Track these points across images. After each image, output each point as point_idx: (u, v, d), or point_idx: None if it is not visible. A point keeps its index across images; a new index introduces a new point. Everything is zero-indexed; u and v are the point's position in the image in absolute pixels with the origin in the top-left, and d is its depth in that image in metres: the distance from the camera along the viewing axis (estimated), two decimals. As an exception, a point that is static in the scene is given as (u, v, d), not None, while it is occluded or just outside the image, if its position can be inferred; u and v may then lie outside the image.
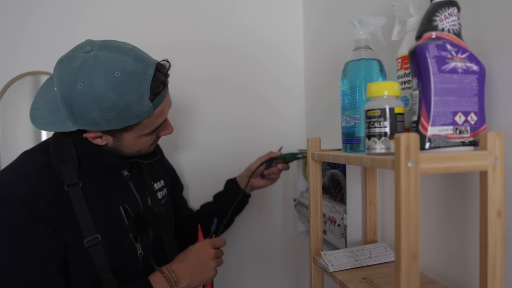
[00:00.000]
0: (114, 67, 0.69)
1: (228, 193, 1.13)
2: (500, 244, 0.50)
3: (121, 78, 0.69)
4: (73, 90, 0.69)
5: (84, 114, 0.71)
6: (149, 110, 0.75)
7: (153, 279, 0.81)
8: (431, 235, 0.68)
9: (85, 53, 0.70)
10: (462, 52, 0.52)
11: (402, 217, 0.46)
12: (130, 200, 0.86)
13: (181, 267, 0.84)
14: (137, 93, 0.71)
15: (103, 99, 0.69)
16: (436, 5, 0.53)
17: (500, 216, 0.50)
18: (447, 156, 0.48)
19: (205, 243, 0.90)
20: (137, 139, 0.81)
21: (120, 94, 0.70)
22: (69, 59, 0.71)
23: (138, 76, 0.71)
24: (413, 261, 0.46)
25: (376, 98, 0.55)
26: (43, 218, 0.71)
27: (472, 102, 0.52)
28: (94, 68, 0.68)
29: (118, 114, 0.71)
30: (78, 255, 0.75)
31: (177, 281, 0.82)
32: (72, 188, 0.76)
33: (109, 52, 0.70)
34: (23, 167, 0.76)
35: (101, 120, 0.72)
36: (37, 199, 0.71)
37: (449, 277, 0.64)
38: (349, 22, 0.71)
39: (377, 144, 0.54)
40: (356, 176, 0.85)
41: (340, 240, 0.90)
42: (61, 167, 0.76)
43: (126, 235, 0.82)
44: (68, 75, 0.69)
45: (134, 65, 0.71)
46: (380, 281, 0.65)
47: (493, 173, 0.49)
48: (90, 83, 0.68)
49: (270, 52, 1.32)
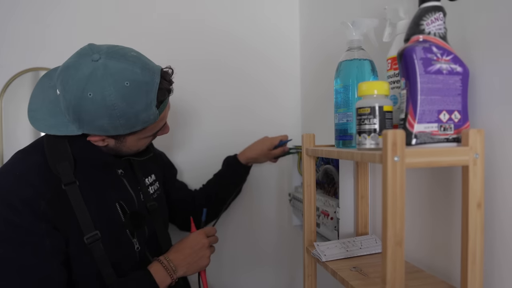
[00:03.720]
0: (124, 77, 0.71)
1: (234, 175, 1.20)
2: (480, 233, 0.53)
3: (131, 88, 0.71)
4: (82, 98, 0.70)
5: (93, 121, 0.73)
6: (155, 116, 0.78)
7: (153, 269, 0.84)
8: (417, 226, 0.72)
9: (93, 61, 0.70)
10: (447, 55, 0.55)
11: (388, 207, 0.49)
12: (125, 197, 0.88)
13: (178, 256, 0.89)
14: (145, 102, 0.74)
15: (113, 108, 0.71)
16: (423, 10, 0.56)
17: (480, 208, 0.53)
18: (431, 151, 0.52)
19: (199, 233, 0.95)
20: (139, 141, 0.84)
21: (130, 103, 0.72)
22: (75, 67, 0.71)
23: (146, 86, 0.74)
24: (399, 248, 0.50)
25: (367, 96, 0.59)
26: (44, 217, 0.73)
27: (456, 101, 0.56)
28: (104, 77, 0.70)
29: (126, 122, 0.74)
30: (79, 251, 0.78)
31: (175, 269, 0.86)
32: (69, 186, 0.77)
33: (117, 61, 0.71)
34: (19, 167, 0.77)
35: (109, 127, 0.74)
36: (37, 199, 0.73)
37: (433, 265, 0.68)
38: (342, 24, 0.74)
39: (367, 140, 0.58)
40: (348, 172, 0.88)
41: (333, 232, 0.94)
42: (57, 166, 0.77)
43: (123, 231, 0.85)
44: (76, 83, 0.70)
45: (142, 74, 0.73)
46: (369, 270, 0.69)
47: (474, 168, 0.53)
48: (101, 92, 0.70)
49: (267, 54, 1.36)
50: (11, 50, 1.14)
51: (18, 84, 1.14)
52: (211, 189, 1.19)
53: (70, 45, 1.15)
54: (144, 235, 0.92)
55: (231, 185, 1.18)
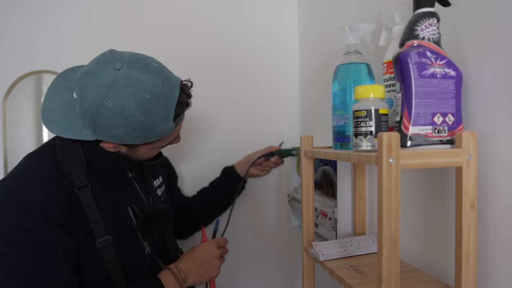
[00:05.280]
0: (145, 89, 0.70)
1: (227, 180, 1.20)
2: (473, 233, 0.55)
3: (151, 100, 0.71)
4: (101, 106, 0.69)
5: (109, 130, 0.72)
6: (171, 129, 0.78)
7: (163, 278, 0.84)
8: (412, 226, 0.73)
9: (115, 70, 0.70)
10: (441, 59, 0.57)
11: (384, 207, 0.51)
12: (137, 200, 0.89)
13: (189, 266, 0.89)
14: (164, 115, 0.74)
15: (131, 118, 0.70)
16: (417, 15, 0.58)
17: (473, 208, 0.55)
18: (425, 153, 0.53)
19: (211, 243, 0.95)
20: (150, 150, 0.83)
21: (149, 115, 0.71)
22: (96, 74, 0.70)
23: (165, 99, 0.73)
24: (394, 247, 0.51)
25: (363, 100, 0.61)
26: (58, 223, 0.73)
27: (449, 104, 0.57)
28: (125, 88, 0.69)
29: (143, 133, 0.73)
30: (90, 255, 0.78)
31: (185, 279, 0.86)
32: (82, 190, 0.77)
33: (139, 72, 0.71)
34: (33, 171, 0.76)
35: (124, 137, 0.73)
36: (52, 204, 0.72)
37: (429, 264, 0.70)
38: (340, 28, 0.76)
39: (363, 142, 0.59)
40: (346, 173, 0.90)
41: (331, 233, 0.95)
42: (70, 170, 0.77)
43: (135, 235, 0.85)
44: (96, 91, 0.69)
45: (163, 87, 0.72)
46: (366, 269, 0.71)
47: (467, 169, 0.55)
48: (121, 102, 0.69)
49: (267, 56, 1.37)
50: (14, 53, 1.15)
51: (21, 87, 1.16)
52: (205, 196, 1.21)
53: (73, 48, 1.18)
54: (154, 238, 0.92)
55: (223, 192, 1.19)
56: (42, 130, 1.18)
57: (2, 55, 1.14)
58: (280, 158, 1.18)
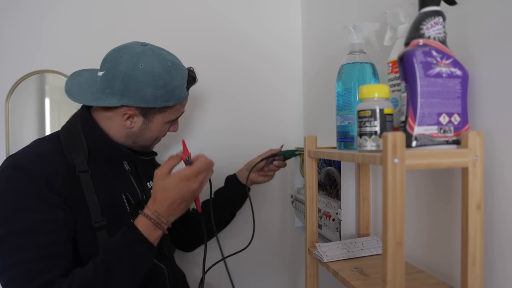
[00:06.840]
0: (167, 59, 0.88)
1: (229, 188, 1.18)
2: (480, 235, 0.54)
3: (172, 67, 0.88)
4: (134, 68, 0.84)
5: (139, 90, 0.84)
6: (184, 96, 0.93)
7: (141, 227, 0.79)
8: (418, 227, 0.73)
9: (142, 45, 0.88)
10: (447, 58, 0.56)
11: (388, 208, 0.50)
12: (131, 190, 0.93)
13: (165, 209, 0.80)
14: (181, 80, 0.90)
15: (159, 78, 0.85)
16: (423, 14, 0.57)
17: (479, 209, 0.54)
18: (430, 153, 0.53)
19: (188, 178, 0.81)
20: (162, 125, 0.93)
21: (171, 77, 0.87)
22: (128, 48, 0.87)
23: (181, 69, 0.91)
24: (399, 248, 0.51)
25: (367, 99, 0.60)
26: (59, 192, 0.78)
27: (455, 104, 0.57)
28: (152, 56, 0.86)
29: (165, 93, 0.87)
30: (84, 235, 0.81)
31: (166, 222, 0.81)
32: (83, 174, 0.83)
33: (160, 50, 0.90)
34: (40, 149, 0.83)
35: (150, 97, 0.85)
36: (55, 175, 0.79)
37: (434, 266, 0.69)
38: (344, 27, 0.75)
39: (368, 142, 0.59)
40: (350, 173, 0.89)
41: (335, 234, 0.95)
42: (73, 155, 0.83)
43: (128, 220, 0.88)
44: (130, 57, 0.85)
45: (179, 61, 0.92)
46: (370, 271, 0.70)
47: (473, 170, 0.54)
48: (151, 64, 0.85)
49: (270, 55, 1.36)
50: (17, 52, 1.15)
51: (24, 87, 1.16)
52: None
53: (76, 47, 1.18)
54: None
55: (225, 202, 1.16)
56: (45, 129, 1.18)
57: (4, 54, 1.14)
58: (283, 160, 1.17)
